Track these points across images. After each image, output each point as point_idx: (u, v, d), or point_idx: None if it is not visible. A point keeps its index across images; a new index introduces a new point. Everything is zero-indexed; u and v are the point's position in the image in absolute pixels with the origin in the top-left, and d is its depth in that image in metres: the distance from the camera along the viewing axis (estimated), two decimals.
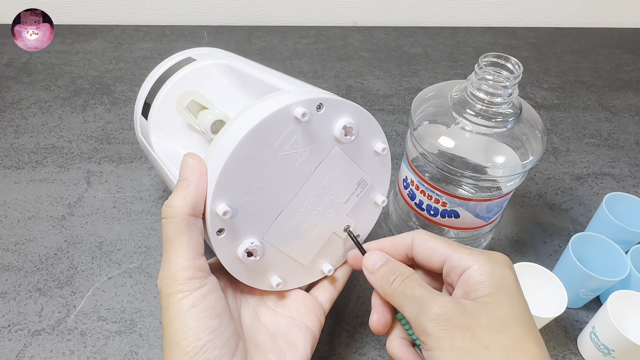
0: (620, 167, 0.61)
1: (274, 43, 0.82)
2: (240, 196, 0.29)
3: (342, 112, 0.31)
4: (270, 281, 0.34)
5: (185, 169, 0.29)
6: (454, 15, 0.90)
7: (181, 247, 0.28)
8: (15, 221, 0.52)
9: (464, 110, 0.39)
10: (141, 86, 0.44)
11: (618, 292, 0.40)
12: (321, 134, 0.31)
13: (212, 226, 0.29)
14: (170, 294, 0.28)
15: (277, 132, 0.29)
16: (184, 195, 0.28)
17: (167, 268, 0.28)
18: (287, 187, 0.31)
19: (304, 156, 0.31)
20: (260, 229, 0.31)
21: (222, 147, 0.29)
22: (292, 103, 0.29)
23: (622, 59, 0.82)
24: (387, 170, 0.36)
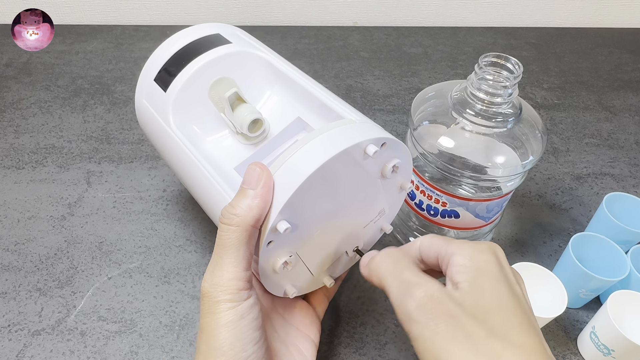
0: (620, 167, 0.61)
1: (274, 43, 0.82)
2: (301, 216, 0.30)
3: (396, 151, 0.33)
4: (286, 289, 0.35)
5: (253, 177, 0.29)
6: (454, 15, 0.90)
7: (238, 256, 0.28)
8: (15, 221, 0.52)
9: (464, 110, 0.39)
10: (156, 48, 0.40)
11: (618, 292, 0.40)
12: (374, 168, 0.33)
13: (267, 238, 0.29)
14: (220, 301, 0.28)
15: (347, 163, 0.30)
16: (250, 206, 0.28)
17: (220, 274, 0.28)
18: (329, 211, 0.32)
19: (352, 185, 0.32)
20: (300, 244, 0.32)
21: (295, 167, 0.29)
22: (365, 140, 0.30)
23: (622, 59, 0.82)
24: (400, 203, 0.39)
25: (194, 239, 0.51)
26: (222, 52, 0.38)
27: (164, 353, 0.42)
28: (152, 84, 0.39)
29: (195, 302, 0.45)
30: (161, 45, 0.40)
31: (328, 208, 0.32)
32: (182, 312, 0.45)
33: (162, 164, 0.59)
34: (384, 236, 0.52)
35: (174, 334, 0.43)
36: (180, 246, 0.50)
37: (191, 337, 0.43)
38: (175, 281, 0.47)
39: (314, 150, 0.29)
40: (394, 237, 0.51)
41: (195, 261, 0.49)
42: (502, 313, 0.25)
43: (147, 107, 0.40)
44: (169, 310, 0.45)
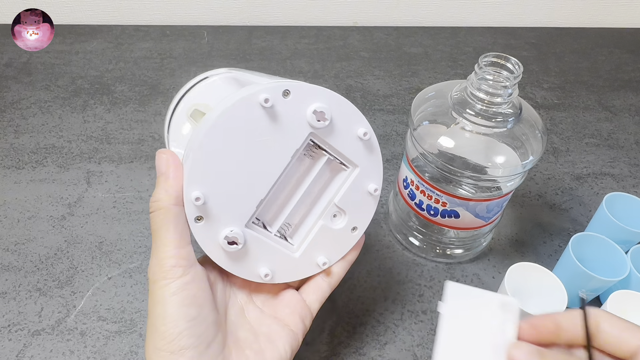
0: (620, 167, 0.61)
1: (274, 43, 0.82)
2: (214, 184, 0.30)
3: (312, 98, 0.32)
4: (259, 272, 0.34)
5: (162, 164, 0.30)
6: (454, 15, 0.90)
7: (167, 235, 0.29)
8: (15, 221, 0.52)
9: (464, 110, 0.39)
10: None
11: (618, 292, 0.40)
12: (294, 121, 0.31)
13: (190, 213, 0.30)
14: (155, 280, 0.29)
15: (244, 120, 0.30)
16: (165, 188, 0.29)
17: (155, 256, 0.29)
18: (264, 175, 0.32)
19: (278, 144, 0.31)
20: (241, 217, 0.32)
21: (195, 137, 0.30)
22: (257, 91, 0.30)
23: (622, 58, 0.82)
24: (375, 156, 0.35)
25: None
26: (198, 86, 0.43)
27: None
28: (166, 134, 0.44)
29: None
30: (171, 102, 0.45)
31: (256, 174, 0.31)
32: None
33: None
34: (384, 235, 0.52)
35: None
36: None
37: None
38: None
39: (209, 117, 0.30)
40: (394, 237, 0.51)
41: None
42: None
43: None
44: None
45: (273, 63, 0.77)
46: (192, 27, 0.85)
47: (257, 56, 0.79)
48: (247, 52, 0.79)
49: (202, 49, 0.80)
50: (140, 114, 0.66)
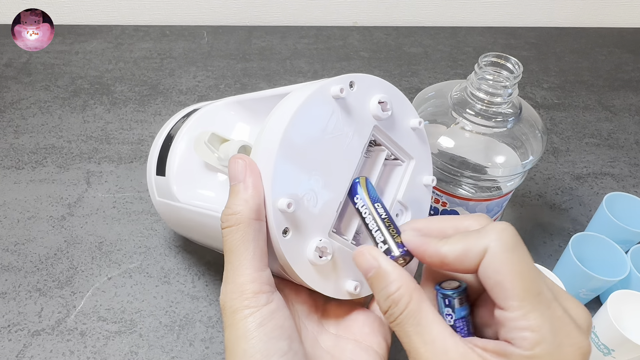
0: (620, 167, 0.61)
1: (274, 43, 0.82)
2: (299, 187, 0.27)
3: (373, 89, 0.31)
4: (346, 287, 0.30)
5: (238, 171, 0.26)
6: (453, 15, 0.90)
7: (247, 256, 0.25)
8: (15, 221, 0.52)
9: (464, 110, 0.39)
10: (150, 149, 0.43)
11: (618, 292, 0.40)
12: (359, 113, 0.30)
13: (277, 225, 0.26)
14: (236, 310, 0.25)
15: (319, 114, 0.28)
16: (244, 199, 0.25)
17: (233, 281, 0.25)
18: (341, 175, 0.29)
19: (349, 138, 0.29)
20: (324, 225, 0.29)
21: (268, 141, 0.27)
22: (327, 83, 0.28)
23: (622, 58, 0.82)
24: (426, 146, 0.34)
25: None
26: (194, 117, 0.41)
27: (164, 353, 0.42)
28: (155, 178, 0.42)
29: (194, 303, 0.45)
30: (153, 145, 0.43)
31: (334, 173, 0.29)
32: (182, 312, 0.45)
33: None
34: None
35: (173, 334, 0.43)
36: (180, 246, 0.50)
37: (191, 337, 0.43)
38: (175, 281, 0.47)
39: (280, 117, 0.27)
40: None
41: (195, 261, 0.49)
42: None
43: (159, 201, 0.42)
44: (168, 311, 0.45)
45: (273, 63, 0.77)
46: (192, 27, 0.85)
47: (257, 56, 0.79)
48: (247, 52, 0.79)
49: (202, 49, 0.80)
50: (140, 114, 0.66)
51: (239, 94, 0.48)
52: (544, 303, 0.21)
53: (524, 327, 0.21)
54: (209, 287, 0.47)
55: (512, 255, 0.22)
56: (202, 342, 0.43)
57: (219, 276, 0.47)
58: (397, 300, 0.23)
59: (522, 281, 0.21)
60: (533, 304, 0.21)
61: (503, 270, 0.22)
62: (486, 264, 0.22)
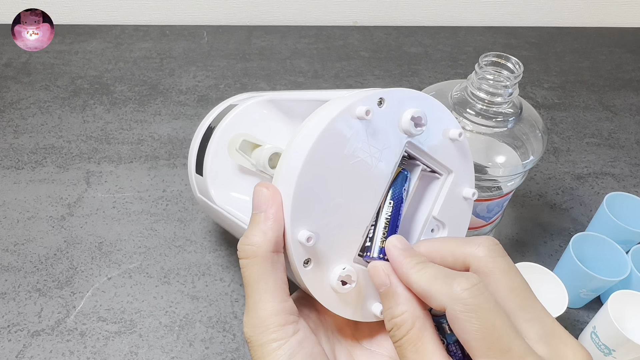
0: (621, 167, 0.61)
1: (274, 43, 0.82)
2: (321, 218, 0.26)
3: (406, 102, 0.28)
4: (373, 310, 0.29)
5: (260, 200, 0.26)
6: (454, 15, 0.90)
7: (268, 289, 0.25)
8: (15, 221, 0.52)
9: (465, 110, 0.39)
10: (189, 145, 0.43)
11: (619, 292, 0.40)
12: (389, 132, 0.28)
13: (298, 257, 0.26)
14: (263, 344, 0.24)
15: (342, 138, 0.26)
16: (263, 230, 0.25)
17: (255, 315, 0.25)
18: (368, 198, 0.28)
19: (377, 159, 0.28)
20: (349, 252, 0.28)
21: (288, 168, 0.26)
22: (352, 103, 0.26)
23: (622, 58, 0.82)
24: (467, 157, 0.32)
25: (193, 239, 0.50)
26: (229, 117, 0.41)
27: (164, 353, 0.42)
28: (195, 176, 0.42)
29: (194, 303, 0.45)
30: (192, 140, 0.43)
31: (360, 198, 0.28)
32: (182, 312, 0.45)
33: (161, 164, 0.59)
34: None
35: (173, 334, 0.43)
36: (180, 246, 0.50)
37: (191, 337, 0.43)
38: (175, 281, 0.47)
39: (301, 143, 0.26)
40: None
41: (195, 261, 0.49)
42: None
43: (200, 198, 0.43)
44: (168, 311, 0.45)
45: (273, 63, 0.77)
46: (192, 27, 0.85)
47: (257, 56, 0.79)
48: (247, 52, 0.79)
49: (202, 49, 0.79)
50: (140, 114, 0.66)
51: (239, 93, 0.48)
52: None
53: None
54: (209, 287, 0.47)
55: (477, 312, 0.21)
56: (202, 342, 0.43)
57: (219, 276, 0.47)
58: (399, 325, 0.23)
59: (486, 340, 0.21)
60: None
61: (466, 329, 0.21)
62: (450, 318, 0.22)
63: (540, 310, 0.23)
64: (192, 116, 0.66)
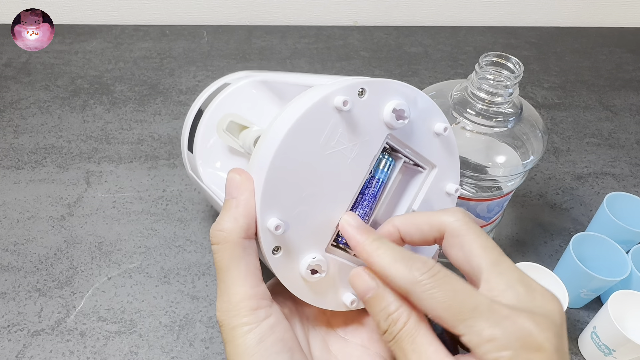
0: (621, 167, 0.61)
1: (274, 43, 0.82)
2: (291, 207, 0.26)
3: (388, 94, 0.28)
4: (344, 299, 0.29)
5: (232, 186, 0.26)
6: (454, 15, 0.90)
7: (240, 274, 0.25)
8: (15, 221, 0.52)
9: (465, 109, 0.39)
10: (184, 121, 0.43)
11: (619, 292, 0.40)
12: (369, 123, 0.27)
13: (267, 245, 0.26)
14: (234, 327, 0.25)
15: (318, 128, 0.26)
16: (234, 217, 0.25)
17: (227, 299, 0.25)
18: (343, 190, 0.28)
19: (355, 151, 0.27)
20: (320, 241, 0.28)
21: (262, 155, 0.26)
22: (330, 93, 0.26)
23: (622, 58, 0.82)
24: (453, 152, 0.32)
25: (193, 239, 0.50)
26: (222, 96, 0.41)
27: (164, 353, 0.42)
28: (187, 152, 0.42)
29: (194, 303, 0.45)
30: (186, 117, 0.43)
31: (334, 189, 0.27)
32: (182, 312, 0.45)
33: (161, 164, 0.59)
34: None
35: (173, 334, 0.43)
36: (180, 246, 0.50)
37: (191, 337, 0.43)
38: (175, 281, 0.47)
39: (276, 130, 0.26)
40: None
41: (195, 261, 0.48)
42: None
43: (191, 175, 0.43)
44: (168, 311, 0.45)
45: (273, 63, 0.77)
46: (192, 27, 0.85)
47: (257, 56, 0.79)
48: (247, 52, 0.79)
49: (202, 49, 0.79)
50: (140, 114, 0.66)
51: None
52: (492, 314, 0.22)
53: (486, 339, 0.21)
54: (209, 287, 0.47)
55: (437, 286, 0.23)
56: (202, 342, 0.43)
57: None
58: (396, 319, 0.24)
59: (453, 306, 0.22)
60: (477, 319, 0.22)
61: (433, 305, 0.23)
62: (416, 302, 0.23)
63: (510, 264, 0.24)
64: None
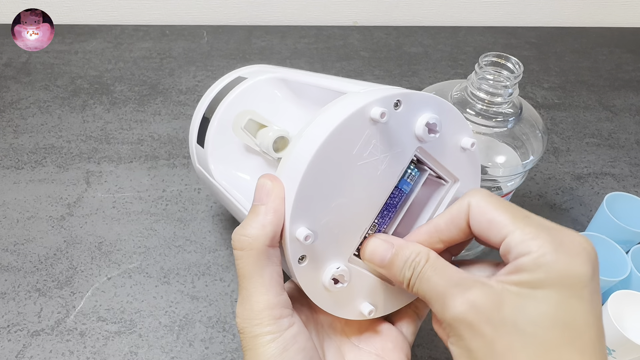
0: (621, 167, 0.61)
1: (274, 43, 0.82)
2: (321, 216, 0.26)
3: (422, 107, 0.28)
4: (361, 309, 0.29)
5: (263, 192, 0.25)
6: (454, 15, 0.90)
7: (263, 282, 0.25)
8: (15, 221, 0.52)
9: (465, 110, 0.39)
10: (193, 113, 0.42)
11: (618, 292, 0.40)
12: (402, 135, 0.27)
13: (293, 253, 0.26)
14: (257, 335, 0.24)
15: (353, 139, 0.26)
16: (263, 224, 0.25)
17: (250, 307, 0.25)
18: (371, 201, 0.28)
19: (385, 163, 0.27)
20: (345, 251, 0.28)
21: (295, 163, 0.25)
22: (367, 103, 0.25)
23: (622, 58, 0.82)
24: (476, 167, 0.32)
25: (193, 239, 0.50)
26: (238, 90, 0.39)
27: (164, 353, 0.42)
28: (196, 146, 0.41)
29: (194, 303, 0.45)
30: (196, 109, 0.42)
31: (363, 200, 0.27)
32: (182, 312, 0.45)
33: (161, 164, 0.59)
34: None
35: (173, 334, 0.43)
36: (180, 246, 0.50)
37: (191, 337, 0.43)
38: (174, 281, 0.47)
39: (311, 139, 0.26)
40: None
41: (195, 261, 0.48)
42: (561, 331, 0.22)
43: (199, 169, 0.42)
44: (168, 311, 0.45)
45: (273, 63, 0.77)
46: (192, 27, 0.85)
47: (257, 56, 0.79)
48: (247, 52, 0.79)
49: (202, 49, 0.79)
50: (140, 114, 0.66)
51: None
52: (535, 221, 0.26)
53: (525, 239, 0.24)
54: (209, 287, 0.47)
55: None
56: (202, 343, 0.43)
57: (219, 276, 0.47)
58: (418, 260, 0.26)
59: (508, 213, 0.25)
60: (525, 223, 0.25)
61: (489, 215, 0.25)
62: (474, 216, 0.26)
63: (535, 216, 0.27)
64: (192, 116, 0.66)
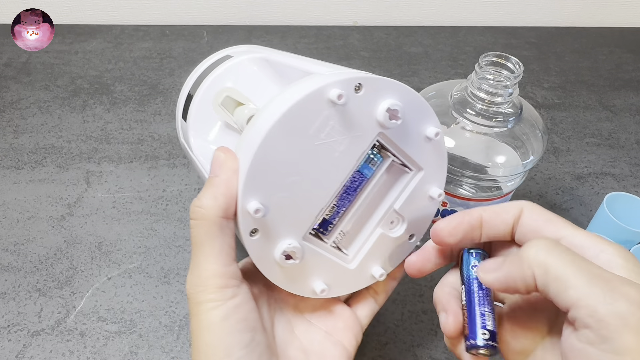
0: (621, 167, 0.61)
1: (274, 43, 0.82)
2: (274, 192, 0.26)
3: (385, 92, 0.28)
4: (314, 287, 0.30)
5: (216, 164, 0.26)
6: (454, 15, 0.90)
7: (213, 252, 0.26)
8: (15, 221, 0.52)
9: (465, 109, 0.39)
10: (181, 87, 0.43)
11: None
12: (362, 119, 0.27)
13: (245, 226, 0.26)
14: (200, 302, 0.26)
15: (310, 118, 0.26)
16: (215, 195, 0.25)
17: (198, 274, 0.26)
18: (327, 181, 0.28)
19: (343, 145, 0.27)
20: (299, 229, 0.28)
21: (251, 138, 0.26)
22: (326, 84, 0.26)
23: (622, 58, 0.82)
24: (441, 158, 0.32)
25: None
26: (222, 68, 0.40)
27: (164, 354, 0.42)
28: (181, 120, 0.42)
29: None
30: (184, 84, 0.42)
31: (318, 180, 0.28)
32: (182, 312, 0.45)
33: (161, 164, 0.59)
34: None
35: (173, 334, 0.43)
36: (180, 246, 0.50)
37: (190, 337, 0.43)
38: (175, 281, 0.47)
39: (268, 115, 0.26)
40: None
41: None
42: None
43: (182, 143, 0.42)
44: (168, 311, 0.45)
45: None
46: (192, 27, 0.85)
47: None
48: None
49: (202, 49, 0.79)
50: (140, 114, 0.66)
51: None
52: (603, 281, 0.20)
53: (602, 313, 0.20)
54: None
55: None
56: None
57: None
58: None
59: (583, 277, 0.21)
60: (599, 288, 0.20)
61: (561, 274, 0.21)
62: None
63: None
64: None
